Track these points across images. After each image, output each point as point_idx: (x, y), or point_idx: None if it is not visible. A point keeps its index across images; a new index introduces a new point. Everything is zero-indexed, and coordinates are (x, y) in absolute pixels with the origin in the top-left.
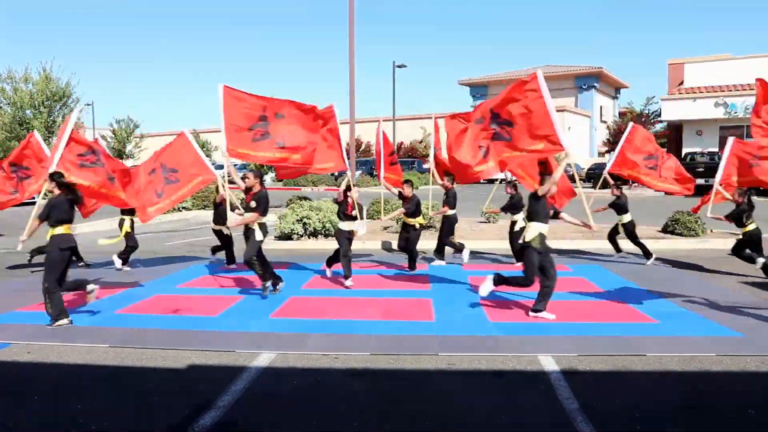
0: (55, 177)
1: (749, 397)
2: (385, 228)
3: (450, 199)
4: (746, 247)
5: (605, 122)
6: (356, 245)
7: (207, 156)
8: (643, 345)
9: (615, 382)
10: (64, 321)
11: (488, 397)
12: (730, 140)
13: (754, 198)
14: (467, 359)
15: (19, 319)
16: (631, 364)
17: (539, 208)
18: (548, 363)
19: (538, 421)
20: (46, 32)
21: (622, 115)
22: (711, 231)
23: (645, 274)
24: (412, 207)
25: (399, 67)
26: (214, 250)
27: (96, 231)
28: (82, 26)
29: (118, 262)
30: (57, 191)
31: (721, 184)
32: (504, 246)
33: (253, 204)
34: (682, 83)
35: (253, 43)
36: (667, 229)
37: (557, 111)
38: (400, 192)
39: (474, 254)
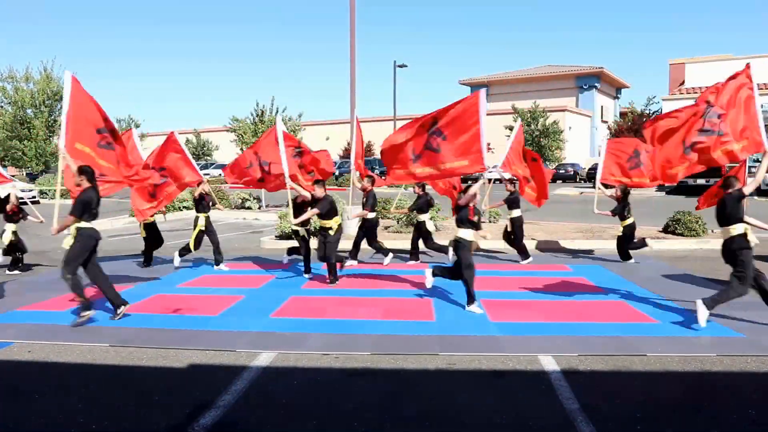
0: None
1: (750, 397)
2: (386, 228)
3: (370, 201)
4: (627, 240)
5: (606, 122)
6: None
7: (207, 155)
8: (643, 345)
9: (615, 382)
10: None
11: (488, 397)
12: (605, 142)
13: (755, 198)
14: (467, 359)
15: (19, 318)
16: (632, 364)
17: (741, 209)
18: (549, 363)
19: (539, 422)
20: (47, 32)
21: (623, 115)
22: (712, 231)
23: (645, 274)
24: (326, 207)
25: (400, 66)
26: (290, 251)
27: None
28: (83, 26)
29: (177, 260)
30: None
31: (604, 184)
32: (502, 245)
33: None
34: (683, 83)
35: (254, 43)
36: (667, 229)
37: (558, 111)
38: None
39: (475, 254)
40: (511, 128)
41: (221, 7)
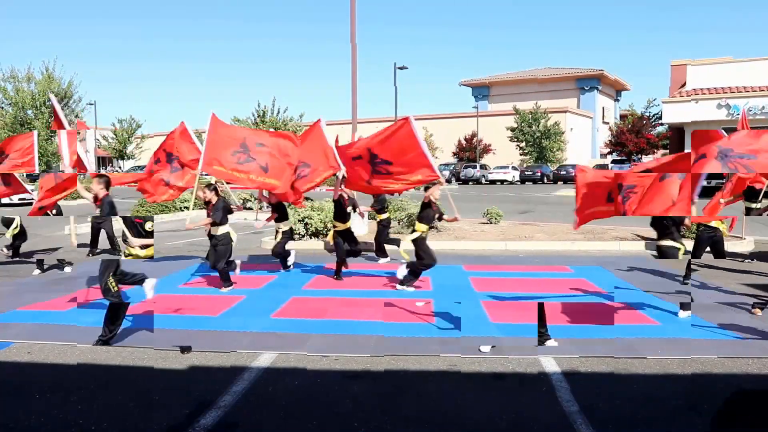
0: None
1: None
2: None
3: (217, 213)
4: (385, 232)
5: (607, 123)
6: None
7: None
8: (643, 347)
9: (616, 384)
10: None
11: (489, 398)
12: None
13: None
14: (468, 361)
15: (19, 318)
16: (632, 365)
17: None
18: (549, 364)
19: (539, 423)
20: (48, 32)
21: (623, 116)
22: None
23: (646, 276)
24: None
25: (400, 68)
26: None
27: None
28: (84, 26)
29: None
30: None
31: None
32: (503, 246)
33: None
34: (684, 85)
35: (255, 43)
36: None
37: (559, 112)
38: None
39: (477, 255)
40: (512, 129)
41: (221, 7)
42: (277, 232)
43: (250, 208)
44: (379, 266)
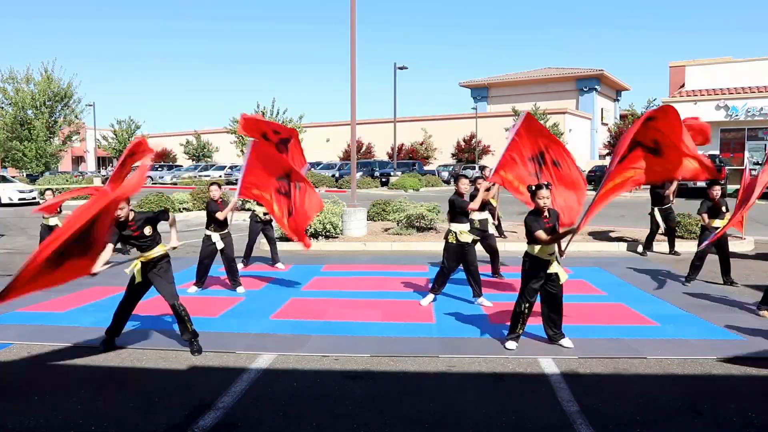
0: None
1: (750, 400)
2: (386, 230)
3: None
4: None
5: (606, 125)
6: (357, 247)
7: (207, 157)
8: (643, 347)
9: (615, 385)
10: None
11: (488, 399)
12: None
13: (756, 201)
14: (467, 361)
15: (19, 319)
16: (632, 366)
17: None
18: (548, 365)
19: (538, 424)
20: (48, 32)
21: (623, 117)
22: None
23: (645, 276)
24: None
25: (400, 68)
26: None
27: None
28: (84, 26)
29: None
30: None
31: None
32: (501, 247)
33: None
34: (683, 86)
35: (255, 44)
36: None
37: (558, 113)
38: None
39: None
40: None
41: (221, 7)
42: None
43: (250, 209)
44: (388, 267)
